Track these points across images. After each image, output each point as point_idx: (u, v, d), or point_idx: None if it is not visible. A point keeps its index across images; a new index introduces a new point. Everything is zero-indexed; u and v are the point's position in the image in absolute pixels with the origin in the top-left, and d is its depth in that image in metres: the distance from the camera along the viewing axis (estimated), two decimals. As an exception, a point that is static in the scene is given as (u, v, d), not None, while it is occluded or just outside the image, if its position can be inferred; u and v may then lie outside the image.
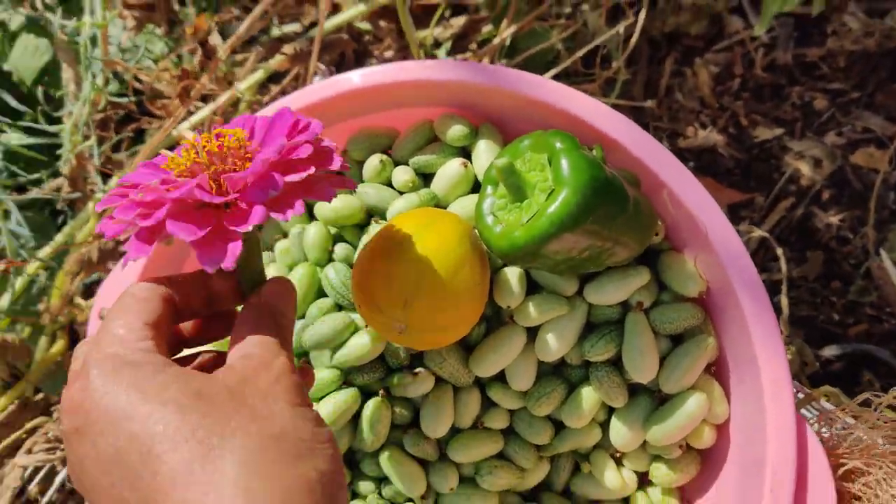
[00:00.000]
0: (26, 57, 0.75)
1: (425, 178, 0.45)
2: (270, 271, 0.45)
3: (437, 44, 0.73)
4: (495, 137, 0.43)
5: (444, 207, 0.43)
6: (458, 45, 0.74)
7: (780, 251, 0.71)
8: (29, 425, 0.61)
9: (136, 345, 0.27)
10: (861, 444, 0.36)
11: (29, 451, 0.57)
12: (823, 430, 0.41)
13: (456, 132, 0.43)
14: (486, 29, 0.74)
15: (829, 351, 0.71)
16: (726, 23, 0.86)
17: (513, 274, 0.40)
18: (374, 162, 0.44)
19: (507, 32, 0.67)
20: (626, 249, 0.37)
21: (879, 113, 0.81)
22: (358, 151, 0.46)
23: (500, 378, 0.42)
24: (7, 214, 0.67)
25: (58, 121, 0.71)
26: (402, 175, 0.43)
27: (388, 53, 0.72)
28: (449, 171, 0.42)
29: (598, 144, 0.37)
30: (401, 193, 0.44)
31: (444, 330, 0.36)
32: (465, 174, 0.42)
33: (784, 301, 0.69)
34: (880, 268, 0.73)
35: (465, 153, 0.45)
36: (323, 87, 0.44)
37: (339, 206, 0.43)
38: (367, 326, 0.41)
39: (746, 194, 0.80)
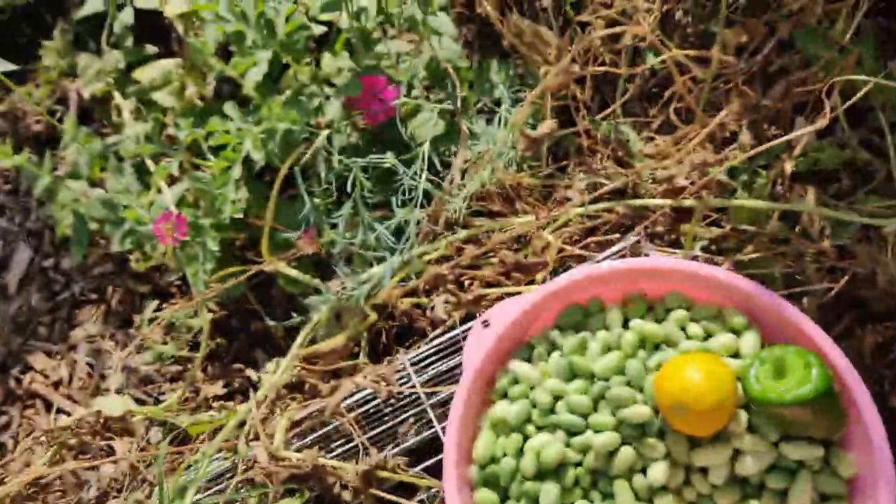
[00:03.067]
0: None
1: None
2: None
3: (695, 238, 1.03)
4: (758, 333, 0.71)
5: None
6: (710, 247, 1.04)
7: None
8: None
9: None
10: None
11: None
12: None
13: (740, 321, 0.71)
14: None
15: None
16: (900, 311, 1.11)
17: (743, 415, 0.67)
18: (679, 314, 0.73)
19: (749, 256, 0.97)
20: (821, 431, 0.63)
21: None
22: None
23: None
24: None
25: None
26: (698, 329, 0.72)
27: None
28: (726, 339, 0.70)
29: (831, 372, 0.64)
30: (687, 338, 0.72)
31: (710, 424, 0.64)
32: (734, 345, 0.70)
33: None
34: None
35: (734, 331, 0.73)
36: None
37: (648, 329, 0.72)
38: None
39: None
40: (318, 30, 1.08)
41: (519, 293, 0.85)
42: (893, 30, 1.19)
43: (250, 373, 1.23)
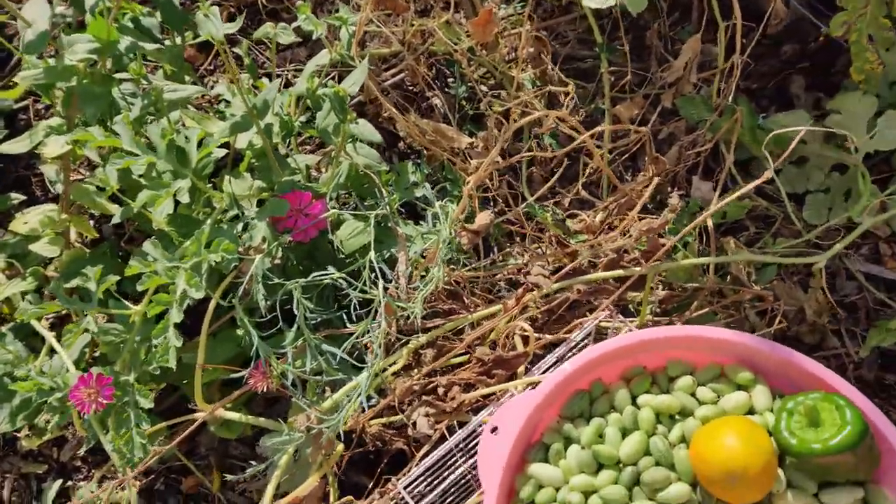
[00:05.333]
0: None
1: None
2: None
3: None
4: (766, 385, 0.71)
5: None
6: (656, 309, 1.05)
7: None
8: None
9: None
10: None
11: None
12: None
13: (746, 376, 0.71)
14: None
15: None
16: (827, 338, 1.17)
17: (780, 472, 0.65)
18: (686, 381, 0.72)
19: (697, 313, 0.99)
20: (863, 472, 0.63)
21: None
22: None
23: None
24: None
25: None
26: (707, 393, 0.71)
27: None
28: (738, 396, 0.70)
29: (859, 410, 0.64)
30: (700, 403, 0.71)
31: (760, 488, 0.61)
32: (748, 402, 0.69)
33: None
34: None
35: (741, 387, 0.72)
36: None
37: (660, 402, 0.69)
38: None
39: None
40: (220, 152, 1.01)
41: (504, 391, 0.81)
42: (755, 90, 1.32)
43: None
